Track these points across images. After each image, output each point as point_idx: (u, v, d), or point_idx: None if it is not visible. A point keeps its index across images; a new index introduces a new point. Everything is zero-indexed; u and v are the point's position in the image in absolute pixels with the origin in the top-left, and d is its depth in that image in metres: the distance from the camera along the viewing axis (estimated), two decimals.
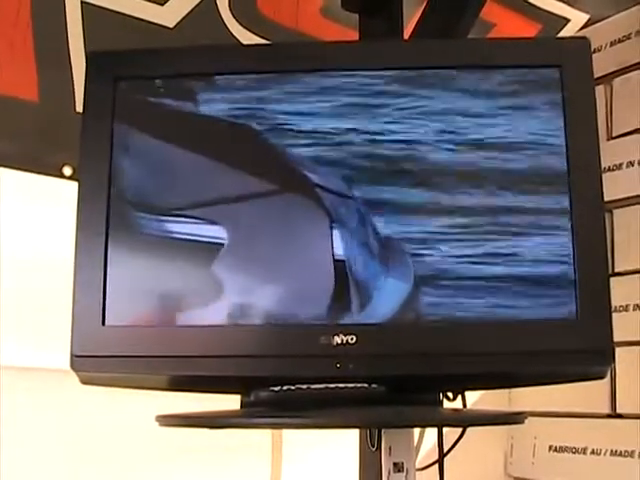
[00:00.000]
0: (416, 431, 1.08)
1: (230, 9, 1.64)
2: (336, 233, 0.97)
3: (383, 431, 1.02)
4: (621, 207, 1.73)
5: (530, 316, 0.94)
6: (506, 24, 1.87)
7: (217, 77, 1.02)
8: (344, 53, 1.05)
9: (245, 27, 1.64)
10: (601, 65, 1.80)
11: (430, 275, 0.96)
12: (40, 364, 1.42)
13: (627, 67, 1.79)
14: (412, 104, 0.99)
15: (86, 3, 1.47)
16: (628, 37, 1.81)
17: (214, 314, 0.96)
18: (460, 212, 0.97)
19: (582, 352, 0.94)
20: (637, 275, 1.69)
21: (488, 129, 0.98)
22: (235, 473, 1.64)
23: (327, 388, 0.94)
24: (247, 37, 1.64)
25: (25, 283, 1.43)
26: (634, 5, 1.82)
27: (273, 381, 0.96)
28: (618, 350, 1.63)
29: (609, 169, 1.74)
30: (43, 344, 1.42)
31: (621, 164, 1.73)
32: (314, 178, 0.98)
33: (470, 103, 0.99)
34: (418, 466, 1.08)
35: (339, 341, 0.94)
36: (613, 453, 1.68)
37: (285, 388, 0.95)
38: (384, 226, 0.96)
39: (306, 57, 1.04)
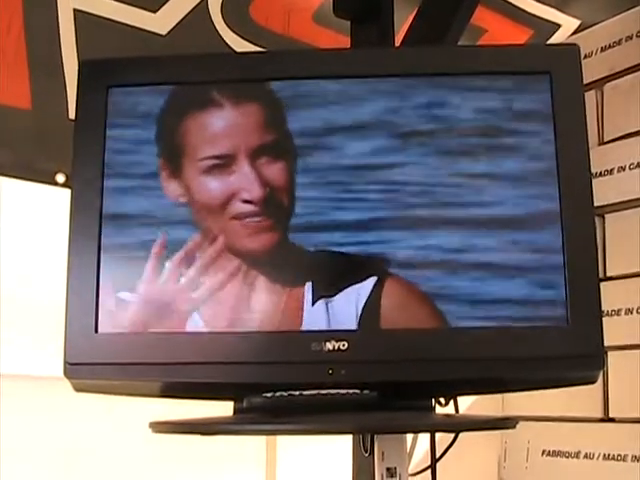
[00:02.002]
0: (409, 436, 1.08)
1: (222, 16, 1.64)
2: None
3: (376, 437, 1.02)
4: (613, 212, 1.74)
5: (521, 322, 0.95)
6: (497, 30, 1.88)
7: (210, 85, 1.02)
8: (336, 60, 1.05)
9: (237, 34, 1.65)
10: (592, 70, 1.81)
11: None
12: (34, 372, 1.42)
13: (618, 72, 1.80)
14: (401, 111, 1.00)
15: (79, 11, 1.48)
16: (619, 43, 1.81)
17: (207, 321, 0.97)
18: (449, 221, 0.97)
19: (573, 357, 0.94)
20: (629, 279, 1.70)
21: (477, 136, 0.99)
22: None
23: (319, 394, 0.94)
24: (239, 44, 1.65)
25: (19, 290, 1.43)
26: (625, 11, 1.83)
27: (266, 387, 0.96)
28: (611, 354, 1.65)
29: (600, 174, 1.74)
30: (38, 351, 1.42)
31: (612, 169, 1.74)
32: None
33: (459, 109, 0.99)
34: (411, 471, 1.08)
35: (331, 347, 0.94)
36: (606, 457, 1.68)
37: (278, 394, 0.95)
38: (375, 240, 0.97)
39: (299, 64, 1.04)
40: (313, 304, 0.96)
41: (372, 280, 0.96)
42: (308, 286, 0.96)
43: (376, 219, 0.97)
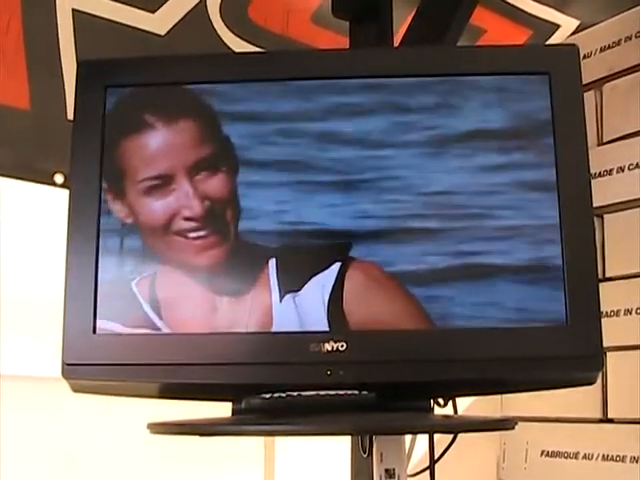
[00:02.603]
0: (407, 437, 1.08)
1: (221, 16, 1.64)
2: None
3: (374, 438, 1.02)
4: (612, 212, 1.74)
5: (520, 322, 0.95)
6: (496, 30, 1.88)
7: (208, 85, 1.02)
8: (334, 61, 1.05)
9: (236, 34, 1.65)
10: (591, 71, 1.80)
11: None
12: (33, 372, 1.42)
13: (617, 73, 1.80)
14: (399, 112, 1.00)
15: (77, 11, 1.47)
16: (618, 43, 1.81)
17: (205, 322, 0.97)
18: (448, 222, 0.97)
19: (572, 358, 0.94)
20: (628, 280, 1.69)
21: (474, 137, 0.99)
22: None
23: (318, 395, 0.94)
24: (238, 44, 1.65)
25: (18, 291, 1.43)
26: (624, 11, 1.82)
27: (264, 388, 0.96)
28: (610, 355, 1.64)
29: (600, 175, 1.74)
30: (36, 352, 1.42)
31: (612, 170, 1.74)
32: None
33: (458, 110, 0.99)
34: (410, 472, 1.08)
35: (329, 348, 0.94)
36: (605, 458, 1.68)
37: (276, 395, 0.95)
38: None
39: (298, 65, 1.04)
40: (281, 300, 0.96)
41: (336, 267, 0.96)
42: (273, 283, 0.96)
43: (336, 229, 0.97)
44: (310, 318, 0.96)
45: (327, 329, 0.95)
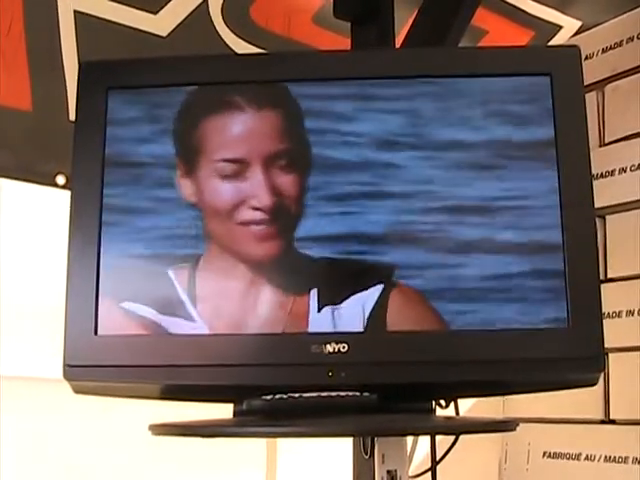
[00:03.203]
0: (409, 439, 1.08)
1: (223, 17, 1.64)
2: None
3: (376, 439, 1.02)
4: (614, 213, 1.74)
5: (521, 324, 0.95)
6: (498, 31, 1.88)
7: (210, 87, 1.02)
8: (336, 62, 1.05)
9: (238, 35, 1.65)
10: (593, 72, 1.80)
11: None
12: (34, 373, 1.42)
13: (619, 74, 1.80)
14: (400, 112, 1.00)
15: (79, 12, 1.48)
16: (620, 44, 1.81)
17: (206, 323, 0.97)
18: (452, 228, 0.97)
19: (573, 359, 0.94)
20: (630, 281, 1.69)
21: (477, 138, 0.99)
22: None
23: (319, 397, 0.94)
24: (240, 45, 1.65)
25: (19, 292, 1.43)
26: (626, 12, 1.82)
27: (265, 390, 0.96)
28: (612, 356, 1.64)
29: (602, 175, 1.74)
30: (37, 353, 1.42)
31: (613, 170, 1.74)
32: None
33: (459, 112, 0.99)
34: (411, 474, 1.08)
35: (331, 349, 0.94)
36: (607, 459, 1.68)
37: (277, 397, 0.95)
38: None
39: (299, 66, 1.04)
40: (319, 311, 0.96)
41: (379, 288, 0.96)
42: (313, 294, 0.96)
43: (386, 234, 0.97)
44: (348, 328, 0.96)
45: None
